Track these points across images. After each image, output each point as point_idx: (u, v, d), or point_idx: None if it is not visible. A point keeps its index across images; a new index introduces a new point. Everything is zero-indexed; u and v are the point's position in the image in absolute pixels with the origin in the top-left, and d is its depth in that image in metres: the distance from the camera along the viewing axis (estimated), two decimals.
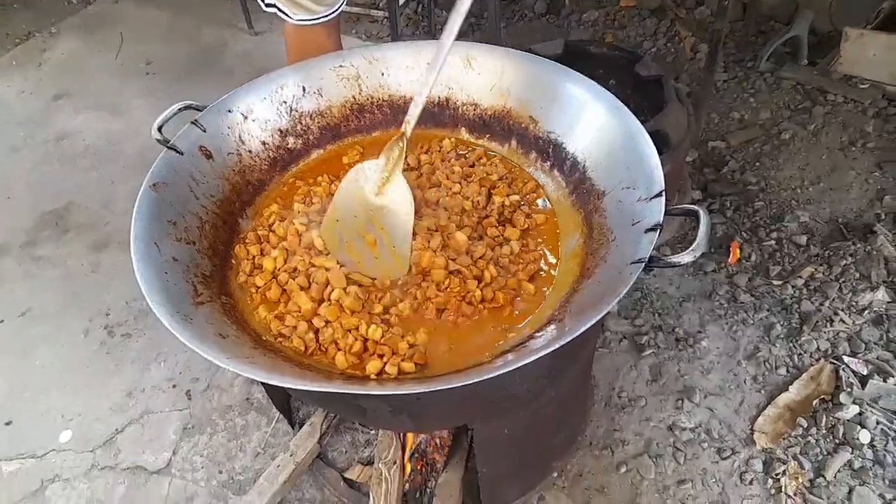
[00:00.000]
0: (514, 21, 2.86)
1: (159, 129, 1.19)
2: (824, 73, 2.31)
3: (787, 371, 1.60)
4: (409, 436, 1.40)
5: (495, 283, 1.08)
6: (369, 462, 1.45)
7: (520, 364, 0.83)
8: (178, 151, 1.18)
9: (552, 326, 0.99)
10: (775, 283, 1.78)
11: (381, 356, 0.99)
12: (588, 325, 0.86)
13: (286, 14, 1.66)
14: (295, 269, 1.12)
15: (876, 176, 2.03)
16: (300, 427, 1.51)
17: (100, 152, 2.32)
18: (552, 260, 1.14)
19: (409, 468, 1.38)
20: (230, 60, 2.79)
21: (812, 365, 1.60)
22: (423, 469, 1.43)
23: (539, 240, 1.18)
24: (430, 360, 1.00)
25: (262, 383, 1.45)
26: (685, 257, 0.93)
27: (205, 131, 1.24)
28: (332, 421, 1.47)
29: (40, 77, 2.70)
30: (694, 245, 0.93)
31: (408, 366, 0.97)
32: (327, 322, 1.03)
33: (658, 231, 0.97)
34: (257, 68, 2.69)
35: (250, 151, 1.30)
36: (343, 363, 0.98)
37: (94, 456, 1.53)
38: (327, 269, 1.08)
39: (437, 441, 1.45)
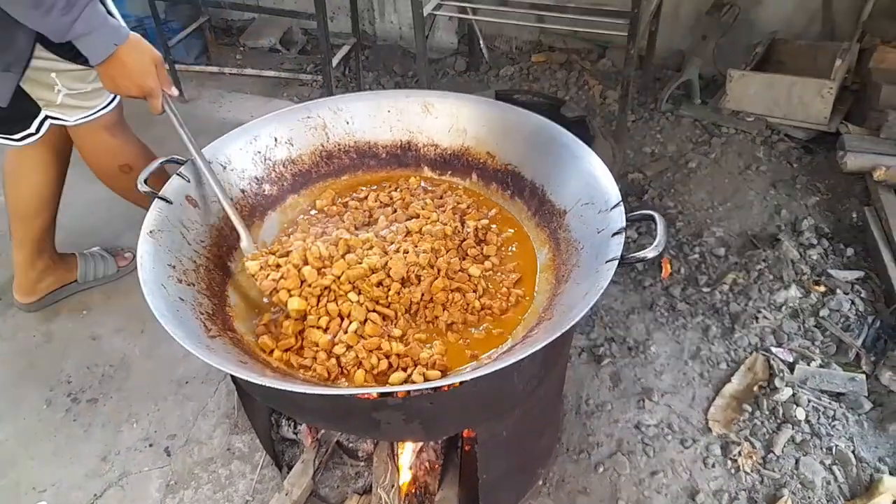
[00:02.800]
0: (438, 78, 3.08)
1: (145, 181, 1.25)
2: (716, 110, 2.65)
3: (727, 365, 1.79)
4: (400, 464, 1.45)
5: (488, 294, 1.20)
6: (365, 491, 1.48)
7: (531, 351, 0.94)
8: (167, 201, 1.24)
9: (543, 325, 1.11)
10: (704, 290, 1.99)
11: (404, 369, 1.07)
12: (580, 316, 0.99)
13: (63, 119, 1.65)
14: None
15: (772, 194, 2.33)
16: (288, 469, 1.52)
17: None
18: (529, 269, 1.28)
19: (405, 490, 1.43)
20: (162, 128, 2.78)
21: (747, 357, 1.80)
22: (418, 491, 1.48)
23: (514, 253, 1.32)
24: (449, 367, 1.10)
25: (254, 426, 1.47)
26: (650, 253, 1.08)
27: (189, 182, 1.30)
28: (324, 457, 1.50)
29: None
30: (656, 241, 1.09)
31: (433, 374, 1.06)
32: (349, 346, 1.09)
33: (623, 234, 1.12)
34: (191, 134, 2.72)
35: (231, 199, 1.36)
36: (361, 379, 1.05)
37: None
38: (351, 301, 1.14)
39: (428, 464, 1.51)
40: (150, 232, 1.17)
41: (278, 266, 1.19)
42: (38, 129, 1.67)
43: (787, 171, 2.41)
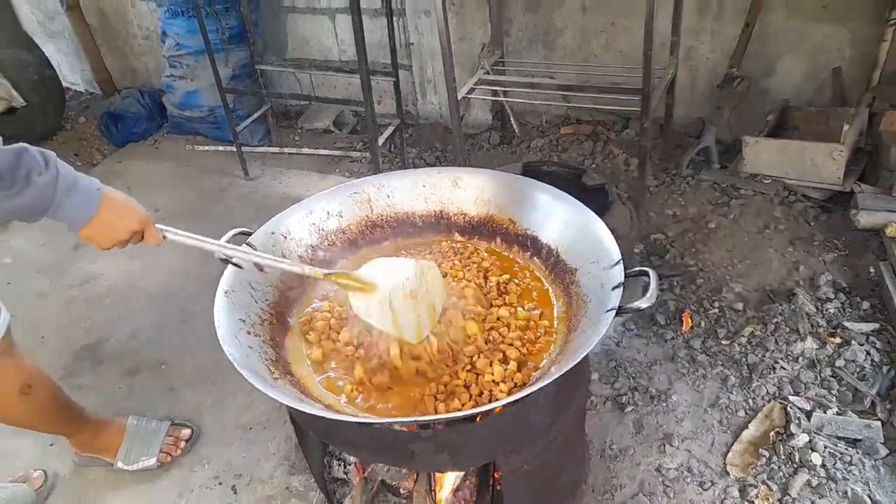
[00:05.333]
0: (473, 151, 3.36)
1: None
2: (734, 174, 2.82)
3: (745, 413, 1.90)
4: (439, 498, 1.61)
5: (515, 334, 1.40)
6: None
7: (536, 387, 1.13)
8: (238, 266, 1.48)
9: (553, 367, 1.29)
10: (724, 342, 2.12)
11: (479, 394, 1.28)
12: (582, 356, 1.17)
13: None
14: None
15: (790, 251, 2.45)
16: None
17: (121, 291, 2.58)
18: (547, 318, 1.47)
19: None
20: (230, 202, 3.16)
21: (764, 406, 1.91)
22: None
23: (534, 303, 1.51)
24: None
25: (310, 464, 1.67)
26: (643, 303, 1.26)
27: (256, 249, 1.55)
28: (371, 494, 1.67)
29: (57, 231, 2.98)
30: (648, 294, 1.27)
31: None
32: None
33: (622, 288, 1.30)
34: (256, 207, 3.07)
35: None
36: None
37: None
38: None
39: (463, 502, 1.66)
40: (226, 292, 1.41)
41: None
42: None
43: (804, 230, 2.54)
